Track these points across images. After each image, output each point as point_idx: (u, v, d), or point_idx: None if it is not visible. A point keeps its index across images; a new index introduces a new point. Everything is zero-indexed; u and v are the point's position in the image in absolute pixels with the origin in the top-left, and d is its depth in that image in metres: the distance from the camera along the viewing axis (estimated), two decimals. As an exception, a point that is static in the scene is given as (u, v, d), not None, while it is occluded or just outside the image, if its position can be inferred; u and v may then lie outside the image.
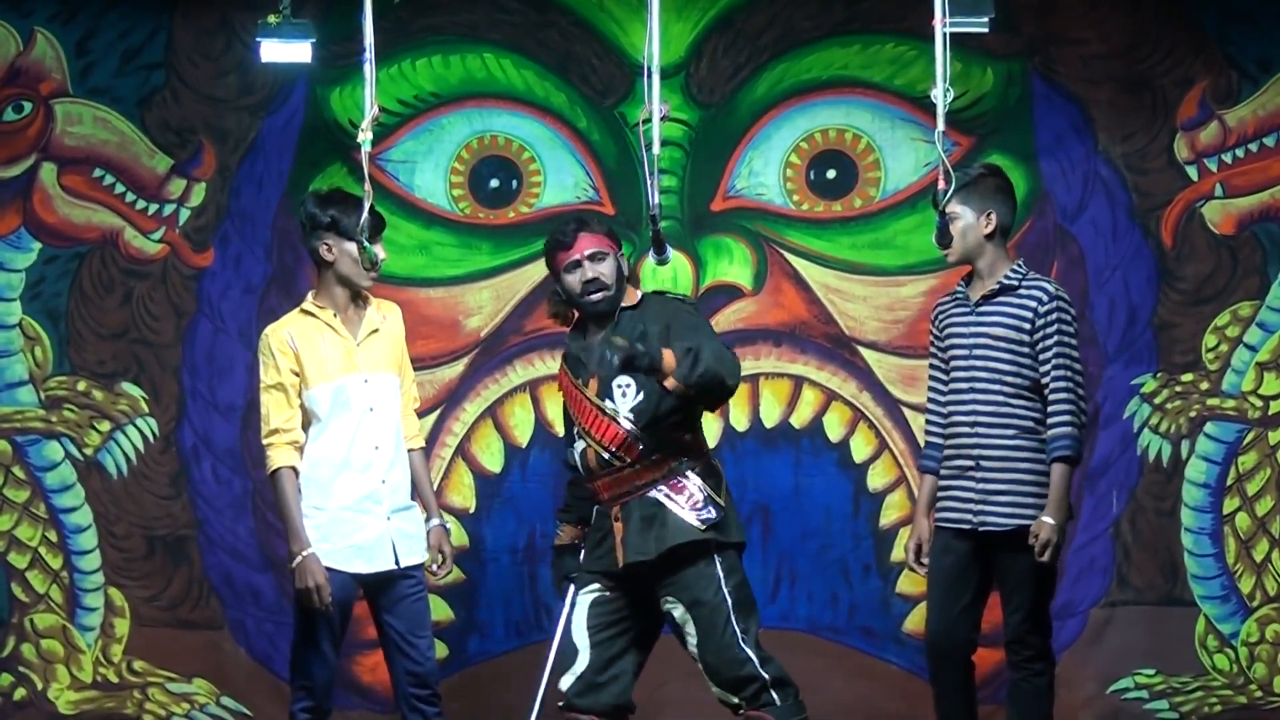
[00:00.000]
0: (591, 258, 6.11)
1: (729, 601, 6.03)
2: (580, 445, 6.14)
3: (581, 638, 6.09)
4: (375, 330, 6.25)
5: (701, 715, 6.82)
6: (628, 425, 6.05)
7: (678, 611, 6.04)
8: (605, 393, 6.10)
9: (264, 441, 6.18)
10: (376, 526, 6.17)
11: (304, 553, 6.08)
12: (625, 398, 6.09)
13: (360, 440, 6.17)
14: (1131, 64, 7.56)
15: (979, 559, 6.21)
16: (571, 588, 6.20)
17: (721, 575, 6.03)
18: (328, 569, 6.09)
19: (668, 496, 6.06)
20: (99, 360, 7.60)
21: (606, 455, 6.08)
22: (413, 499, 6.31)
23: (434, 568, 6.35)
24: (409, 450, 6.32)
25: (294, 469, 6.13)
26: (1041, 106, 7.59)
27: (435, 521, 6.35)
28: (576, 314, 6.24)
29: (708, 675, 6.06)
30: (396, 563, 6.18)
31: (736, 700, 6.04)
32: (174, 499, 7.61)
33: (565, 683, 6.08)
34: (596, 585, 6.13)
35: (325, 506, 6.14)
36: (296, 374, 6.16)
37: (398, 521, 6.20)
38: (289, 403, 6.15)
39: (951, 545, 6.22)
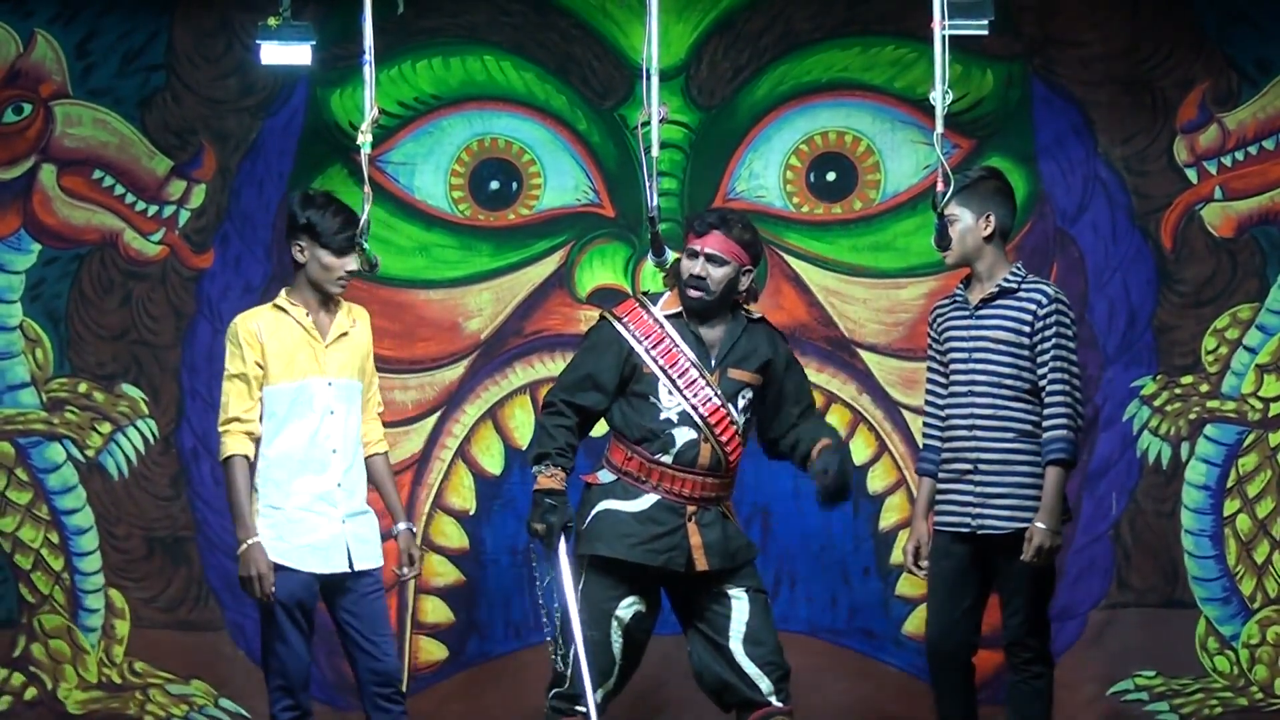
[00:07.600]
0: (710, 258, 6.09)
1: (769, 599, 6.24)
2: (688, 433, 6.07)
3: (618, 654, 6.10)
4: (344, 334, 6.24)
5: (700, 716, 6.82)
6: (738, 437, 6.14)
7: (735, 591, 6.09)
8: (730, 397, 6.12)
9: (220, 428, 6.18)
10: (331, 528, 6.16)
11: (249, 541, 6.09)
12: (744, 412, 6.14)
13: (319, 442, 6.17)
14: (1131, 66, 7.56)
15: (978, 562, 6.21)
16: (561, 540, 6.04)
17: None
18: (286, 568, 6.10)
19: (726, 514, 6.18)
20: (99, 362, 7.60)
21: (721, 459, 6.10)
22: (368, 503, 6.30)
23: (403, 571, 6.35)
24: (373, 455, 6.32)
25: (246, 458, 6.15)
26: (1041, 109, 7.58)
27: (402, 525, 6.34)
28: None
29: (748, 656, 6.06)
30: (351, 566, 6.17)
31: (768, 686, 6.04)
32: (173, 500, 7.62)
33: (599, 697, 6.06)
34: (633, 598, 6.10)
35: (282, 505, 6.15)
36: (261, 367, 6.17)
37: (353, 525, 6.19)
38: (250, 394, 6.16)
39: (951, 549, 6.22)
